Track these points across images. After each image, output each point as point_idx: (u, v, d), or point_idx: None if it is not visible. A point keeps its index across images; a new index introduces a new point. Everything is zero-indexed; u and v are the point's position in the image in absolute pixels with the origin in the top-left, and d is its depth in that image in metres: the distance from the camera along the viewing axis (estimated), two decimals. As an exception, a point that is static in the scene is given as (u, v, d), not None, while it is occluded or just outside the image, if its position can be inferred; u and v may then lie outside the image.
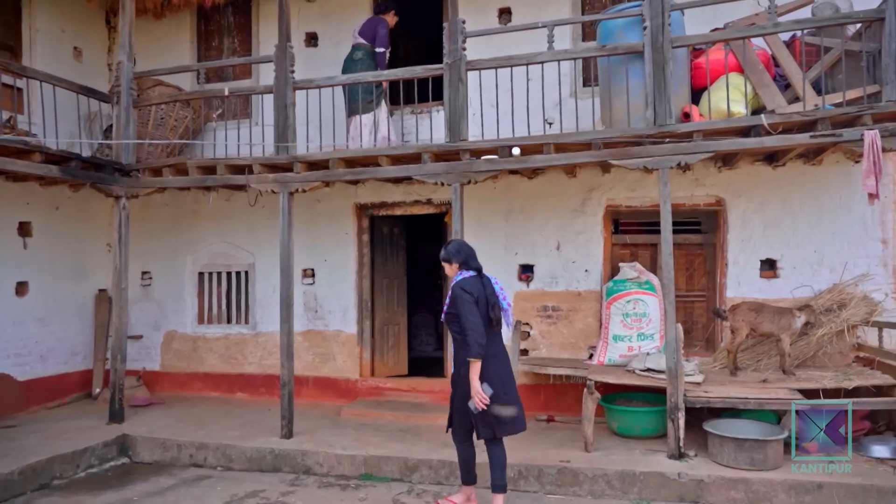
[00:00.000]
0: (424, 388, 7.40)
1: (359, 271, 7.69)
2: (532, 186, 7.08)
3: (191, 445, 6.12)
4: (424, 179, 5.88)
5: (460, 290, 4.32)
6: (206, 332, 8.22)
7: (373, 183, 7.53)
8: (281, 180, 6.26)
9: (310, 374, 7.73)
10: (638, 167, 5.37)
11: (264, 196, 7.71)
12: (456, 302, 4.30)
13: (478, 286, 4.40)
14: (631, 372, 5.97)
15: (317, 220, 7.76)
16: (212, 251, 8.23)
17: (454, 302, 4.32)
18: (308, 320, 7.78)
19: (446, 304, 4.45)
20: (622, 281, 6.41)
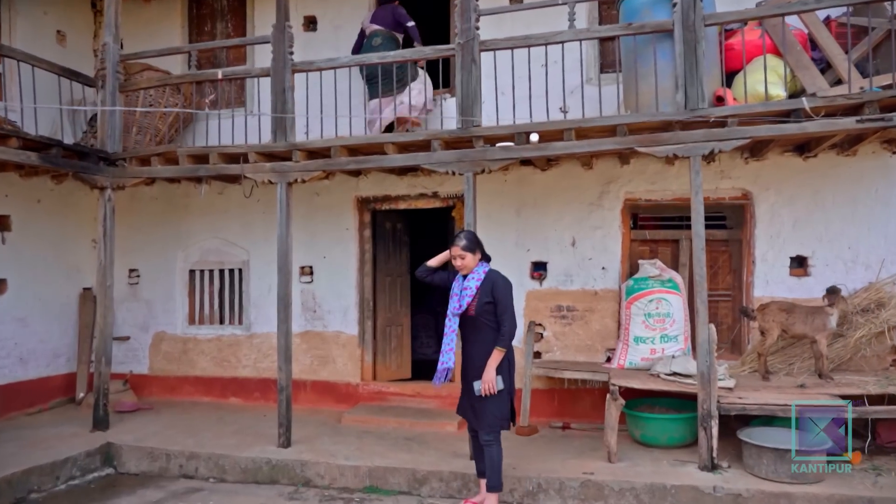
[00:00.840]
0: (430, 392, 6.97)
1: (360, 269, 7.25)
2: (546, 179, 6.67)
3: (181, 455, 5.67)
4: (434, 168, 5.46)
5: (506, 281, 4.38)
6: (197, 334, 7.76)
7: (375, 175, 7.11)
8: (279, 169, 5.82)
9: (308, 378, 7.29)
10: (667, 155, 4.96)
11: (260, 188, 7.28)
12: (500, 291, 4.31)
13: None
14: (655, 376, 5.57)
15: (315, 215, 7.32)
16: (204, 248, 7.78)
17: (497, 291, 4.28)
18: (306, 321, 7.34)
19: (473, 292, 4.28)
20: (643, 279, 6.00)
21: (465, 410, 4.52)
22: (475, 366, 4.33)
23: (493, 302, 4.28)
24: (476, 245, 4.45)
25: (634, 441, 5.63)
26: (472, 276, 4.40)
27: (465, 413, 4.53)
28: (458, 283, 4.47)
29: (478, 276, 4.37)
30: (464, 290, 4.39)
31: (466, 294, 4.33)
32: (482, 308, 4.29)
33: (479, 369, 4.30)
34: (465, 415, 4.55)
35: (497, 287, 4.31)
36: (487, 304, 4.29)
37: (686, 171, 6.19)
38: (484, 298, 4.29)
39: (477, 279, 4.37)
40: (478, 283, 4.35)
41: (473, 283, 4.37)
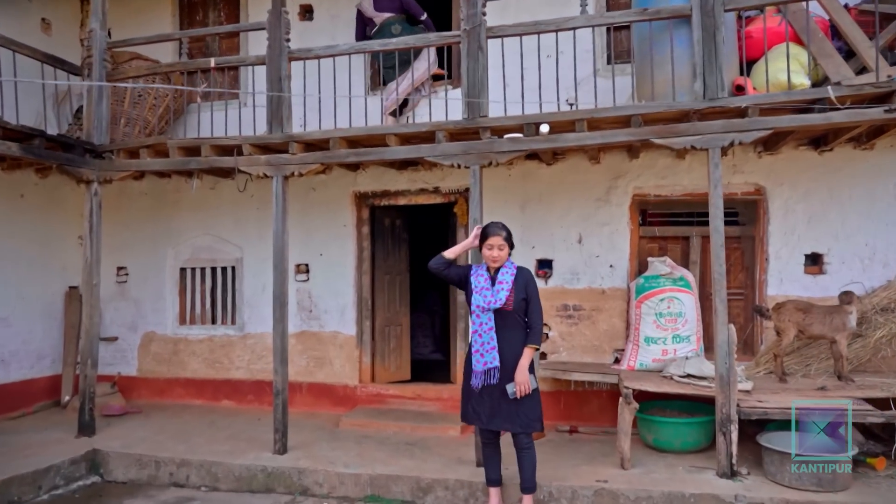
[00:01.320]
0: (431, 395, 6.72)
1: (358, 267, 6.99)
2: (551, 173, 6.44)
3: (171, 462, 5.39)
4: (439, 161, 5.20)
5: (534, 277, 4.39)
6: (188, 334, 7.47)
7: (374, 169, 6.85)
8: (274, 162, 5.55)
9: (303, 380, 7.02)
10: (684, 147, 4.74)
11: (253, 183, 7.01)
12: (533, 287, 4.21)
13: None
14: (668, 378, 5.34)
15: (311, 211, 7.05)
16: (195, 245, 7.49)
17: (530, 287, 4.17)
18: (302, 321, 7.07)
19: (510, 286, 4.11)
20: (654, 277, 5.78)
21: (480, 416, 4.20)
22: (506, 367, 4.09)
23: (526, 298, 4.13)
24: (511, 238, 4.27)
25: (646, 446, 5.41)
26: (504, 270, 4.19)
27: (479, 419, 4.21)
28: (482, 276, 4.22)
29: (511, 270, 4.19)
30: (498, 283, 4.14)
31: (503, 288, 4.11)
32: (518, 304, 4.11)
33: (509, 371, 4.07)
34: (474, 421, 4.26)
35: (530, 283, 4.19)
36: (522, 301, 4.12)
37: (697, 166, 6.05)
38: (520, 294, 4.12)
39: (511, 273, 4.17)
40: (512, 277, 4.15)
41: (508, 277, 4.15)
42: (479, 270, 4.27)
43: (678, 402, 5.61)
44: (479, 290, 4.17)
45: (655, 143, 4.81)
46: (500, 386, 4.09)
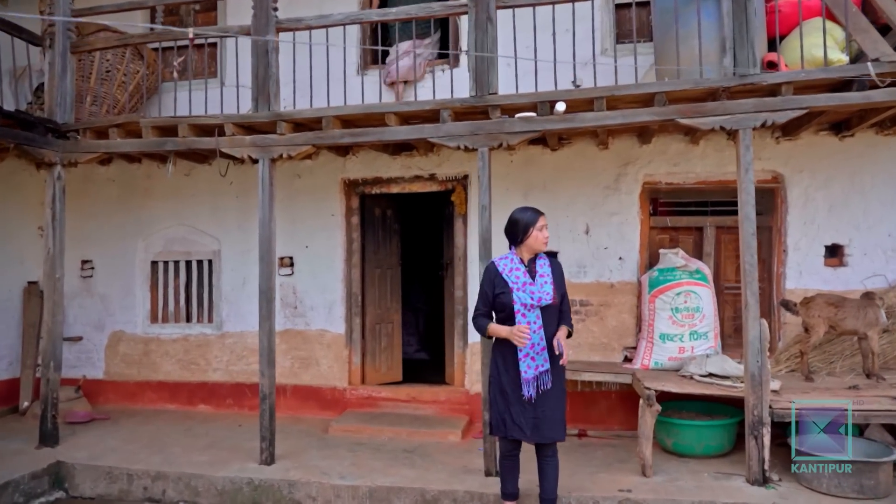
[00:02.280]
0: (427, 397, 6.27)
1: (347, 260, 6.51)
2: (556, 159, 6.04)
3: (145, 475, 4.87)
4: (443, 143, 4.76)
5: None
6: (160, 333, 6.90)
7: (365, 155, 6.37)
8: (261, 144, 5.04)
9: (288, 383, 6.51)
10: (712, 127, 4.37)
11: (233, 169, 6.52)
12: (564, 281, 3.90)
13: None
14: (687, 378, 4.99)
15: (296, 200, 6.54)
16: (168, 236, 6.91)
17: (561, 279, 3.85)
18: (286, 318, 6.55)
19: (552, 280, 3.75)
20: (670, 269, 5.42)
21: (523, 428, 3.69)
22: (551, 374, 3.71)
23: (564, 293, 3.87)
24: None
25: (664, 450, 5.04)
26: (540, 261, 3.81)
27: (522, 431, 3.69)
28: (518, 270, 3.74)
29: (545, 261, 3.83)
30: (540, 276, 3.72)
31: (546, 281, 3.71)
32: (560, 297, 3.78)
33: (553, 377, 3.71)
34: (514, 433, 3.72)
35: (562, 275, 3.87)
36: (561, 294, 3.81)
37: (712, 152, 5.73)
38: (560, 287, 3.80)
39: (547, 264, 3.82)
40: (550, 269, 3.80)
41: (547, 269, 3.78)
42: (510, 265, 3.77)
43: (695, 403, 5.27)
44: (522, 285, 3.68)
45: (681, 124, 4.44)
46: (552, 392, 3.69)
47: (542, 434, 3.69)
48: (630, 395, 5.77)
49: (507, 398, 3.73)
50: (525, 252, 3.79)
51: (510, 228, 3.81)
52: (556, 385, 3.71)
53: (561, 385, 3.76)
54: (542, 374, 3.67)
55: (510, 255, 3.82)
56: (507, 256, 3.83)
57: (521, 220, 3.79)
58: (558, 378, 3.74)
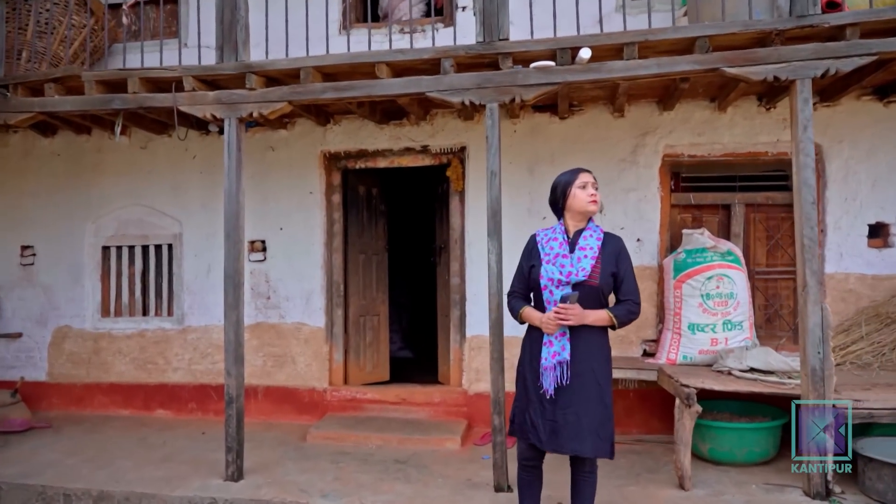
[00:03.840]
0: (418, 398, 5.53)
1: (327, 243, 5.73)
2: (565, 129, 5.35)
3: (85, 496, 4.06)
4: (445, 98, 4.02)
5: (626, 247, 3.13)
6: (113, 328, 6.05)
7: (348, 124, 5.62)
8: (226, 100, 4.26)
9: (260, 383, 5.72)
10: (765, 77, 3.70)
11: (196, 141, 5.75)
12: (627, 262, 3.06)
13: None
14: (724, 373, 4.33)
15: (270, 175, 5.75)
16: (122, 217, 6.06)
17: (622, 261, 3.03)
18: (257, 310, 5.76)
19: (596, 253, 2.97)
20: (700, 251, 4.76)
21: (538, 431, 2.97)
22: (578, 362, 2.91)
23: (616, 274, 2.98)
24: None
25: (699, 457, 4.37)
26: (589, 233, 3.03)
27: (536, 434, 2.98)
28: (556, 240, 3.04)
29: (596, 234, 3.02)
30: (580, 248, 2.98)
31: (586, 255, 2.95)
32: (605, 279, 2.95)
33: (583, 370, 2.92)
34: (529, 436, 3.01)
35: (623, 255, 3.03)
36: (611, 276, 2.97)
37: (741, 120, 5.11)
38: (608, 267, 2.96)
39: (597, 238, 3.01)
40: (599, 243, 2.99)
41: (594, 242, 2.99)
42: (550, 234, 3.09)
43: (730, 402, 4.66)
44: (555, 257, 2.98)
45: (726, 74, 3.75)
46: (580, 392, 2.91)
47: (559, 443, 2.93)
48: (651, 394, 5.12)
49: (528, 392, 3.05)
50: (570, 220, 3.08)
51: (551, 196, 3.15)
52: (586, 385, 2.93)
53: (596, 386, 2.92)
54: (560, 364, 2.94)
55: (556, 225, 3.13)
56: (553, 227, 3.14)
57: (560, 181, 3.12)
58: (591, 376, 2.93)
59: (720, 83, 4.68)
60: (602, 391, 2.93)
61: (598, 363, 2.97)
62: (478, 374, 5.36)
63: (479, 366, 5.35)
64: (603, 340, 3.01)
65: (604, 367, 2.97)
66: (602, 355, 2.99)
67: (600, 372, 2.95)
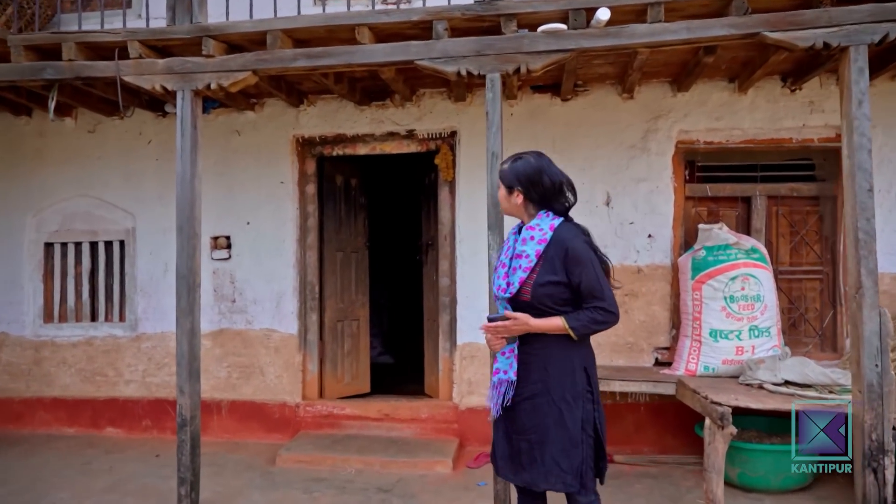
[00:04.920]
0: (403, 414, 4.92)
1: (300, 240, 5.11)
2: (568, 112, 4.80)
3: (7, 539, 3.39)
4: (438, 67, 3.43)
5: (585, 248, 2.39)
6: (57, 336, 5.35)
7: (324, 105, 5.00)
8: (179, 69, 3.62)
9: (224, 398, 5.08)
10: (812, 43, 3.17)
11: (151, 124, 5.12)
12: (579, 264, 2.34)
13: (589, 238, 2.49)
14: (753, 387, 3.79)
15: (235, 162, 5.11)
16: (67, 210, 5.37)
17: (573, 265, 2.34)
18: (220, 314, 5.12)
19: (531, 262, 2.38)
20: (722, 248, 4.22)
21: (497, 461, 2.54)
22: (524, 386, 2.40)
23: (563, 283, 2.35)
24: (524, 177, 2.45)
25: (727, 483, 3.81)
26: (529, 234, 2.45)
27: (498, 465, 2.54)
28: (507, 245, 2.56)
29: (540, 235, 2.42)
30: (517, 256, 2.44)
31: (520, 264, 2.41)
32: (542, 293, 2.36)
33: (533, 393, 2.38)
34: (497, 469, 2.56)
35: (573, 256, 2.34)
36: (555, 286, 2.36)
37: (763, 103, 4.60)
38: (547, 275, 2.37)
39: (538, 239, 2.41)
40: (538, 247, 2.40)
41: (532, 247, 2.42)
42: (512, 234, 2.59)
43: (757, 418, 4.12)
44: (497, 266, 2.53)
45: (770, 39, 3.20)
46: (535, 418, 2.39)
47: (517, 474, 2.44)
48: (664, 408, 4.60)
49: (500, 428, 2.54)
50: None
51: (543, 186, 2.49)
52: (540, 407, 2.38)
53: (552, 408, 2.35)
54: (502, 383, 2.46)
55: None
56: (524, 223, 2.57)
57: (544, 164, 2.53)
58: (546, 397, 2.37)
59: (744, 59, 4.16)
60: (562, 414, 2.34)
61: (557, 381, 2.37)
62: (470, 386, 4.78)
63: (472, 377, 4.77)
64: (565, 353, 2.38)
65: (564, 385, 2.36)
66: (563, 370, 2.37)
67: (558, 391, 2.36)
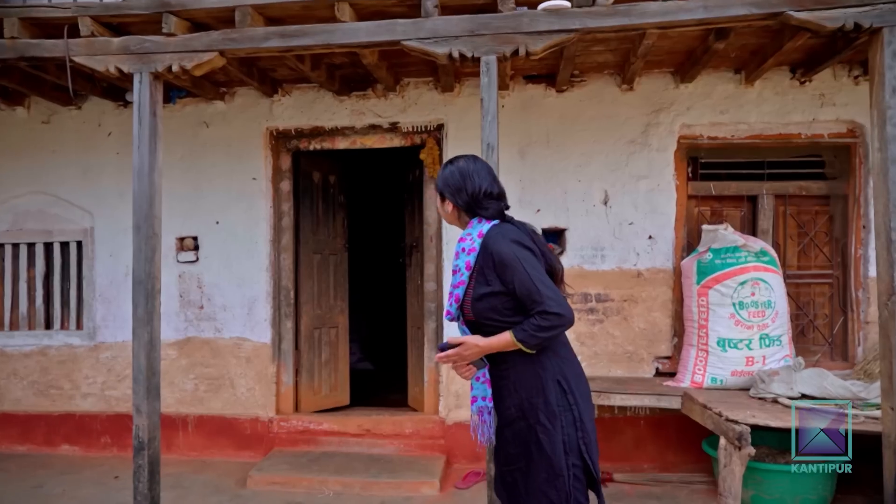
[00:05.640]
0: (386, 429, 4.56)
1: (274, 241, 4.73)
2: (563, 104, 4.49)
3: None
4: (427, 48, 3.09)
5: (511, 247, 2.04)
6: (7, 345, 4.91)
7: (301, 95, 4.64)
8: (137, 49, 3.24)
9: (190, 412, 4.68)
10: (843, 24, 2.88)
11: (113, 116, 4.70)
12: (508, 271, 2.02)
13: (526, 237, 2.13)
14: (767, 401, 3.51)
15: (203, 157, 4.72)
16: (19, 208, 4.93)
17: (498, 266, 2.04)
18: (187, 322, 4.71)
19: (464, 277, 2.12)
20: (731, 250, 3.93)
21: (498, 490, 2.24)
22: (506, 414, 2.14)
23: (501, 292, 2.03)
24: (451, 183, 2.18)
25: (740, 506, 3.53)
26: (460, 245, 2.17)
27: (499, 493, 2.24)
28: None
29: (469, 245, 2.12)
30: (454, 272, 2.17)
31: (455, 280, 2.15)
32: (481, 306, 2.07)
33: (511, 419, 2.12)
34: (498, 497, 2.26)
35: (497, 260, 2.03)
36: (491, 298, 2.05)
37: (771, 95, 4.36)
38: (481, 288, 2.08)
39: (468, 249, 2.12)
40: (469, 259, 2.11)
41: (463, 260, 2.13)
42: None
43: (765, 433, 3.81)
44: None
45: (795, 19, 2.91)
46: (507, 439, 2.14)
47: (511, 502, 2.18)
48: (665, 423, 4.32)
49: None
50: None
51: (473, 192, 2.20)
52: (519, 433, 2.10)
53: (529, 432, 2.06)
54: (482, 411, 2.24)
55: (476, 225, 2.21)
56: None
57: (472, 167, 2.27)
58: (522, 423, 2.08)
59: (755, 46, 3.88)
60: (539, 438, 2.04)
61: (529, 402, 2.07)
62: (458, 399, 4.43)
63: (460, 389, 4.43)
64: (532, 369, 2.06)
65: (537, 405, 2.05)
66: (533, 388, 2.06)
67: (533, 413, 2.06)
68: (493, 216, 2.16)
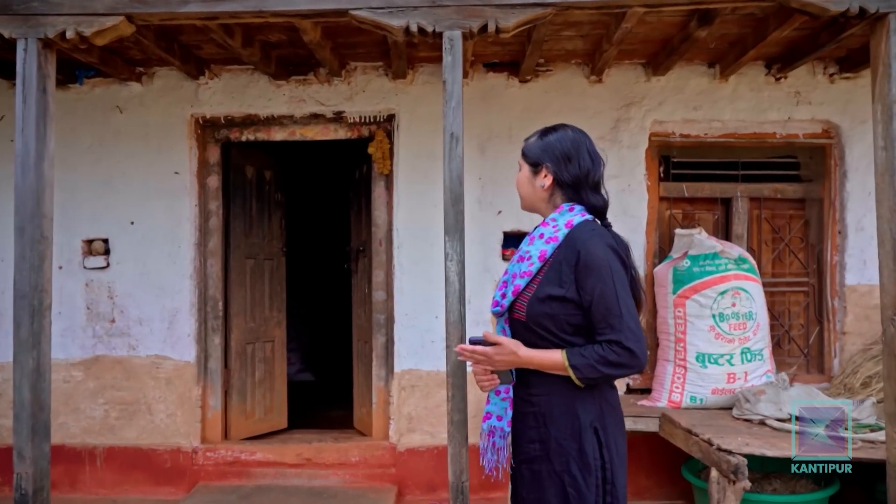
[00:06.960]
0: (330, 457, 4.04)
1: (200, 244, 4.14)
2: (528, 96, 4.10)
3: None
4: (380, 20, 2.61)
5: (606, 252, 1.69)
6: None
7: (231, 79, 4.08)
8: (21, 10, 2.63)
9: (99, 443, 4.04)
10: (847, 7, 2.57)
11: (7, 97, 4.06)
12: (592, 273, 1.67)
13: (623, 249, 1.79)
14: (755, 423, 3.20)
15: (116, 147, 4.09)
16: None
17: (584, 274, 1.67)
18: (95, 338, 4.07)
19: (533, 268, 1.74)
20: (711, 256, 3.61)
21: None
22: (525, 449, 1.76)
23: (572, 300, 1.68)
24: (558, 151, 1.82)
25: (725, 541, 3.20)
26: (539, 230, 1.80)
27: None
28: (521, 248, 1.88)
29: (551, 232, 1.76)
30: (520, 259, 1.80)
31: (520, 269, 1.77)
32: (540, 308, 1.71)
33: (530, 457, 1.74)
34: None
35: (585, 264, 1.67)
36: (555, 303, 1.69)
37: (745, 91, 4.11)
38: (548, 288, 1.71)
39: (548, 237, 1.76)
40: (545, 248, 1.74)
41: (538, 248, 1.76)
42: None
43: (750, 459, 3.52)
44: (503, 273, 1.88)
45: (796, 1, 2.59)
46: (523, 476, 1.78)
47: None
48: (635, 444, 3.89)
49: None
50: None
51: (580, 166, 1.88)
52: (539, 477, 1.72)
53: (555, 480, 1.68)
54: (494, 432, 1.87)
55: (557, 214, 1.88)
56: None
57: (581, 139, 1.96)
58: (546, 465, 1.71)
59: (736, 36, 3.57)
60: (566, 492, 1.67)
61: (558, 444, 1.69)
62: (410, 422, 3.97)
63: (413, 411, 3.96)
64: (568, 405, 1.70)
65: (569, 452, 1.68)
66: (565, 429, 1.69)
67: (561, 459, 1.68)
68: (593, 211, 1.80)
